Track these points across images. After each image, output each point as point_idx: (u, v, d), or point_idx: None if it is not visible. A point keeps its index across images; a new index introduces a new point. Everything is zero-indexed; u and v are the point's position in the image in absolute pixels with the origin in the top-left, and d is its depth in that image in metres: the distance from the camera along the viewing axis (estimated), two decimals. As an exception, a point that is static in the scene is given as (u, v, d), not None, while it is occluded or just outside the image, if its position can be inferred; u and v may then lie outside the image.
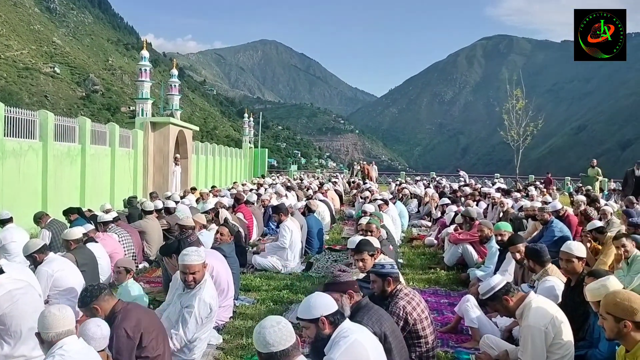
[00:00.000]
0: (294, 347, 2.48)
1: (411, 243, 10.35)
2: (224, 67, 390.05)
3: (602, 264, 6.31)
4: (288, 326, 2.51)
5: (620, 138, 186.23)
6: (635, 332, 2.80)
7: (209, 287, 4.21)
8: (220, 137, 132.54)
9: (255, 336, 2.50)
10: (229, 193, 13.47)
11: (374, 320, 3.35)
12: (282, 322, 2.51)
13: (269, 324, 2.48)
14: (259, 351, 2.48)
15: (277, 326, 2.47)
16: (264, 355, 2.46)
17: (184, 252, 4.21)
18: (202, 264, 4.20)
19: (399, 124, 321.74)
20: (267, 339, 2.42)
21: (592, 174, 18.04)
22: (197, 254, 4.18)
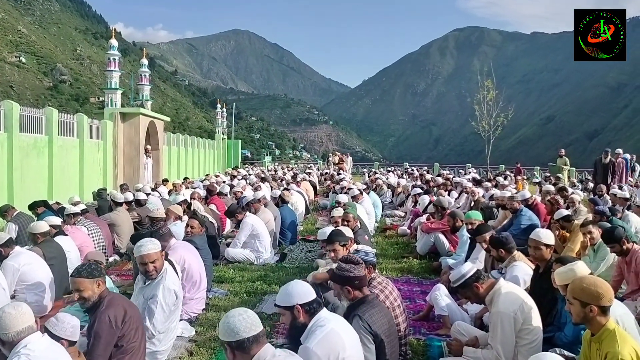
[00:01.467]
0: (262, 335, 2.51)
1: (385, 233, 10.43)
2: (196, 57, 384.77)
3: (569, 251, 6.47)
4: (254, 315, 2.54)
5: (588, 128, 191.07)
6: (600, 316, 2.88)
7: (171, 275, 4.16)
8: (193, 128, 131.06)
9: (223, 327, 2.49)
10: (202, 185, 13.34)
11: (372, 320, 3.35)
12: (248, 311, 2.55)
13: (236, 313, 2.51)
14: (229, 341, 2.46)
15: (244, 314, 2.51)
16: (234, 344, 2.46)
17: (138, 244, 4.16)
18: (160, 252, 4.15)
19: (373, 115, 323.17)
20: (237, 325, 2.44)
21: (560, 163, 18.48)
22: (152, 243, 4.13)
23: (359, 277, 3.51)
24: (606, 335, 2.84)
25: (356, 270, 3.52)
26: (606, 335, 2.84)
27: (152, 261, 4.07)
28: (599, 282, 2.92)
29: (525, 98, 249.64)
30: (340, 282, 3.48)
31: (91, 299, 3.42)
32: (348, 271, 3.50)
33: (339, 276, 3.51)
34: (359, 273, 3.52)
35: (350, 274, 3.49)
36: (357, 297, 3.47)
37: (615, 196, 10.08)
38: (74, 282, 3.46)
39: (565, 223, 6.86)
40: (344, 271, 3.50)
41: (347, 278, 3.47)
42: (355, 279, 3.48)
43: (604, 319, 2.88)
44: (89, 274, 3.45)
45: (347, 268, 3.52)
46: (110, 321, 3.34)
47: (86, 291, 3.42)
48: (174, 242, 5.40)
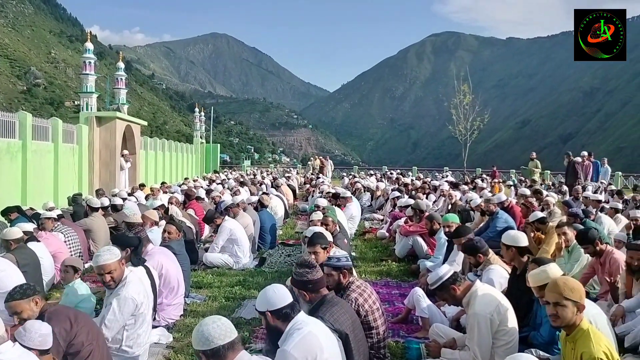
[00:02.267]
0: (238, 341, 2.52)
1: (364, 236, 10.46)
2: (173, 60, 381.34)
3: (544, 253, 6.58)
4: (228, 322, 2.54)
5: (562, 132, 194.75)
6: (580, 315, 2.94)
7: (133, 283, 4.01)
8: (171, 132, 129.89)
9: (197, 335, 2.48)
10: (180, 189, 13.22)
11: (334, 318, 3.36)
12: (222, 319, 2.55)
13: (209, 321, 2.51)
14: (203, 350, 2.45)
15: (218, 322, 2.51)
16: (209, 352, 2.44)
17: (96, 253, 4.06)
18: (118, 262, 3.99)
19: (352, 119, 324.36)
20: (212, 333, 2.44)
21: (531, 166, 18.85)
22: (109, 253, 3.99)
23: (312, 281, 3.51)
24: (580, 335, 2.90)
25: (310, 274, 3.53)
26: (580, 335, 2.90)
27: (109, 272, 3.92)
28: (578, 282, 3.02)
29: (500, 102, 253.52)
30: (298, 287, 3.50)
31: (31, 318, 3.29)
32: (303, 275, 3.52)
33: (296, 281, 3.54)
34: (313, 277, 3.53)
35: (305, 278, 3.51)
36: (316, 299, 3.49)
37: (588, 198, 10.29)
38: (10, 306, 3.36)
39: (540, 225, 6.98)
40: (300, 276, 3.53)
41: (302, 282, 3.50)
42: (309, 283, 3.50)
43: (578, 319, 2.94)
44: (23, 294, 3.37)
45: (302, 272, 3.54)
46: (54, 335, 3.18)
47: (25, 312, 3.33)
48: (151, 247, 5.33)
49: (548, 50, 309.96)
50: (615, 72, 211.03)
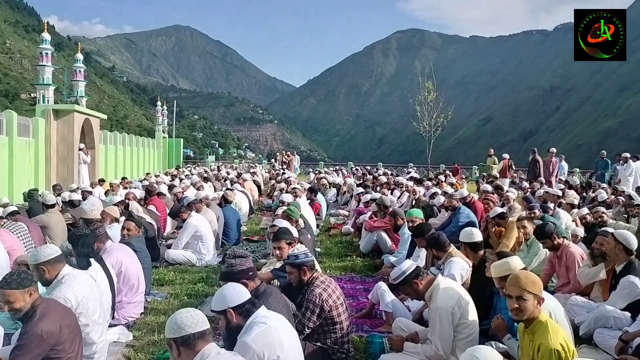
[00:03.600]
0: (209, 333, 2.56)
1: (329, 232, 10.48)
2: (134, 52, 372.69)
3: (504, 247, 6.73)
4: (202, 314, 2.59)
5: (523, 129, 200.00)
6: (538, 308, 3.01)
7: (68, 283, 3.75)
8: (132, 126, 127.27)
9: (170, 323, 2.53)
10: (141, 185, 12.94)
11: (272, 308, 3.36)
12: (196, 310, 2.61)
13: (183, 311, 2.59)
14: (174, 337, 2.49)
15: (191, 312, 2.57)
16: (179, 340, 2.49)
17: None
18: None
19: (318, 115, 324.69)
20: (184, 321, 2.49)
21: (489, 162, 19.30)
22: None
23: (251, 268, 3.63)
24: (539, 327, 2.96)
25: (247, 263, 3.62)
26: (539, 327, 2.96)
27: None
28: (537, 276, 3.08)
29: (464, 100, 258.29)
30: (236, 278, 3.49)
31: (23, 309, 3.18)
32: (241, 265, 3.58)
33: (233, 273, 3.55)
34: (250, 265, 3.64)
35: (244, 266, 3.58)
36: (252, 288, 3.49)
37: (548, 193, 10.57)
38: (3, 294, 3.19)
39: (500, 220, 7.14)
40: (237, 266, 3.58)
41: (242, 272, 3.55)
42: (249, 271, 3.60)
43: (538, 311, 3.00)
44: (19, 284, 3.19)
45: (239, 262, 3.60)
46: (42, 335, 3.10)
47: (17, 302, 3.18)
48: (109, 244, 5.19)
49: (510, 48, 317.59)
50: (574, 71, 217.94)
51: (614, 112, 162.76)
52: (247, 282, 3.50)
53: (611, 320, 4.37)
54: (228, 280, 3.52)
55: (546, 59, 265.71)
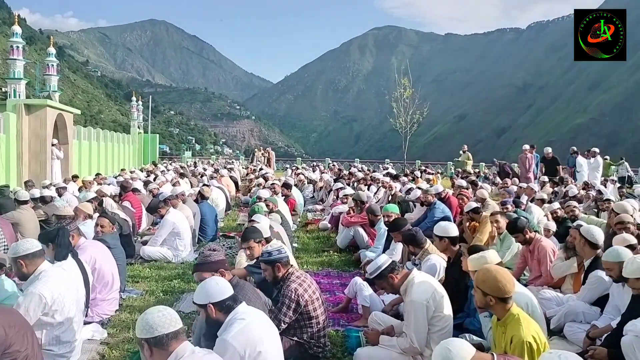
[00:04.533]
0: (182, 332, 2.51)
1: (306, 227, 10.50)
2: (109, 47, 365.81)
3: (478, 241, 6.84)
4: (174, 312, 2.53)
5: (496, 126, 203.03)
6: (500, 304, 3.07)
7: (45, 280, 3.71)
8: (106, 121, 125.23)
9: (141, 323, 2.47)
10: (115, 181, 12.76)
11: (247, 300, 3.39)
12: (168, 309, 2.55)
13: (154, 310, 2.51)
14: (146, 338, 2.44)
15: (163, 311, 2.51)
16: (151, 341, 2.44)
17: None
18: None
19: (295, 111, 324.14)
20: (156, 321, 2.44)
21: (463, 158, 19.62)
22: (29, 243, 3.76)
23: (225, 261, 3.72)
24: (510, 320, 3.03)
25: (221, 254, 3.71)
26: (510, 319, 3.03)
27: None
28: (500, 276, 3.08)
29: (439, 97, 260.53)
30: (213, 268, 3.56)
31: None
32: (217, 256, 3.67)
33: (209, 263, 3.63)
34: (220, 257, 3.71)
35: (220, 257, 3.67)
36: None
37: (521, 188, 10.79)
38: None
39: (474, 215, 7.26)
40: (213, 256, 3.66)
41: (218, 262, 3.63)
42: (225, 262, 3.68)
43: (506, 305, 3.07)
44: None
45: (215, 254, 3.69)
46: None
47: None
48: (83, 241, 5.11)
49: (484, 46, 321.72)
50: (546, 69, 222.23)
51: (585, 109, 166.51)
52: (224, 272, 3.52)
53: (581, 315, 4.49)
54: (202, 270, 3.56)
55: (519, 57, 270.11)
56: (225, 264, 3.68)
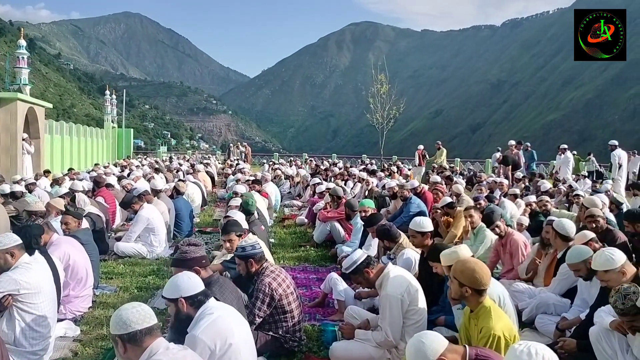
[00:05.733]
0: (156, 328, 2.50)
1: (283, 223, 10.50)
2: (82, 39, 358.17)
3: (452, 236, 6.96)
4: (148, 309, 2.52)
5: (472, 122, 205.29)
6: (475, 296, 3.12)
7: (19, 269, 3.72)
8: (79, 115, 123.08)
9: (115, 319, 2.45)
10: (88, 176, 12.55)
11: (224, 297, 3.40)
12: (142, 305, 2.53)
13: (129, 306, 2.50)
14: (120, 334, 2.42)
15: (137, 307, 2.50)
16: (125, 337, 2.42)
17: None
18: None
19: (273, 106, 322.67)
20: (130, 317, 2.42)
21: (438, 154, 19.87)
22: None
23: (204, 257, 3.66)
24: (482, 312, 3.09)
25: (200, 251, 3.67)
26: (482, 312, 3.09)
27: None
28: (478, 267, 3.15)
29: (415, 92, 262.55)
30: (189, 265, 3.52)
31: None
32: (195, 252, 3.62)
33: (186, 259, 3.58)
34: (202, 253, 3.68)
35: (198, 254, 3.61)
36: (204, 277, 3.49)
37: (495, 182, 10.97)
38: None
39: (449, 210, 7.36)
40: (191, 253, 3.61)
41: (194, 259, 3.58)
42: (202, 259, 3.63)
43: (480, 297, 3.12)
44: None
45: (192, 250, 3.64)
46: None
47: None
48: (55, 237, 5.02)
49: (460, 43, 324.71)
50: (520, 66, 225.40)
51: (557, 106, 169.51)
52: (200, 270, 3.49)
53: (552, 307, 4.60)
54: (180, 267, 3.53)
55: (494, 53, 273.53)
56: (202, 260, 3.63)
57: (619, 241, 5.37)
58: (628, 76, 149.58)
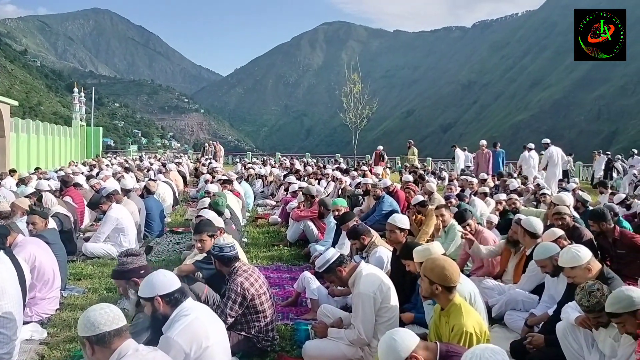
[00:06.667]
0: (125, 329, 2.46)
1: (256, 222, 10.45)
2: (49, 36, 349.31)
3: (424, 234, 7.04)
4: (117, 309, 2.48)
5: (443, 122, 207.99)
6: (445, 294, 3.16)
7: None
8: (47, 113, 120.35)
9: (82, 321, 2.41)
10: (56, 175, 12.25)
11: None
12: (111, 306, 2.49)
13: (97, 308, 2.45)
14: (88, 336, 2.38)
15: (106, 308, 2.45)
16: (93, 339, 2.38)
17: None
18: None
19: (246, 105, 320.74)
20: (98, 319, 2.38)
21: (409, 154, 20.14)
22: None
23: (143, 267, 3.58)
24: (453, 310, 3.13)
25: (139, 261, 3.59)
26: (453, 309, 3.13)
27: None
28: (447, 265, 3.19)
29: (388, 92, 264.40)
30: (127, 277, 3.49)
31: None
32: (132, 263, 3.56)
33: (123, 271, 3.53)
34: (142, 263, 3.61)
35: (135, 265, 3.55)
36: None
37: (465, 181, 11.14)
38: None
39: (421, 208, 7.45)
40: (128, 264, 3.55)
41: (132, 270, 3.52)
42: (141, 269, 3.55)
43: (450, 295, 3.17)
44: None
45: (130, 261, 3.57)
46: None
47: None
48: (21, 238, 4.89)
49: (431, 44, 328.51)
50: (489, 67, 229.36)
51: (526, 106, 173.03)
52: (138, 281, 3.42)
53: (520, 304, 4.70)
54: (119, 278, 3.50)
55: (464, 54, 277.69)
56: (140, 271, 3.54)
57: (585, 238, 5.51)
58: (593, 78, 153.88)
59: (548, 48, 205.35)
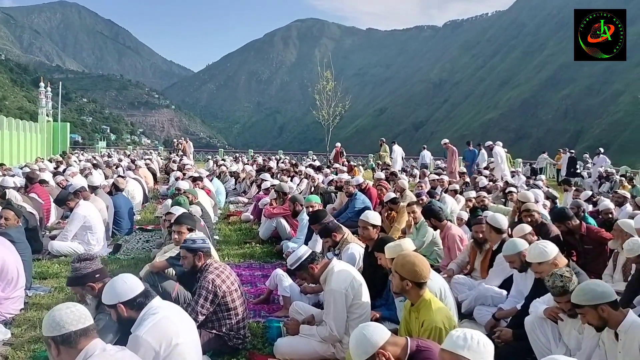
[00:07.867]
0: (92, 329, 2.39)
1: (228, 219, 10.37)
2: (14, 29, 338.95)
3: (396, 230, 7.10)
4: (83, 309, 2.41)
5: (415, 120, 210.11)
6: (416, 289, 3.19)
7: None
8: (11, 108, 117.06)
9: (47, 321, 2.33)
10: (21, 172, 11.92)
11: None
12: (77, 305, 2.41)
13: (62, 307, 2.37)
14: (53, 336, 2.30)
15: (72, 307, 2.37)
16: (58, 339, 2.30)
17: None
18: None
19: (218, 101, 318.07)
20: (64, 319, 2.30)
21: (381, 151, 20.32)
22: None
23: (97, 270, 3.49)
24: (423, 305, 3.17)
25: (93, 265, 3.51)
26: (423, 305, 3.17)
27: None
28: (417, 261, 3.22)
29: (361, 90, 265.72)
30: (82, 282, 3.42)
31: None
32: (86, 268, 3.46)
33: (77, 277, 3.45)
34: (96, 266, 3.52)
35: (89, 269, 3.46)
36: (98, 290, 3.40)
37: (436, 180, 11.29)
38: None
39: (393, 205, 7.51)
40: (82, 270, 3.45)
41: (86, 276, 3.43)
42: (96, 273, 3.47)
43: (420, 291, 3.20)
44: None
45: (84, 266, 3.48)
46: None
47: None
48: None
49: (403, 42, 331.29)
50: (460, 66, 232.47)
51: (495, 105, 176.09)
52: (94, 285, 3.37)
53: (489, 299, 4.78)
54: (74, 285, 3.43)
55: (436, 53, 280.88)
56: (95, 275, 3.46)
57: (552, 234, 5.66)
58: (561, 78, 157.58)
59: (517, 48, 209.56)
